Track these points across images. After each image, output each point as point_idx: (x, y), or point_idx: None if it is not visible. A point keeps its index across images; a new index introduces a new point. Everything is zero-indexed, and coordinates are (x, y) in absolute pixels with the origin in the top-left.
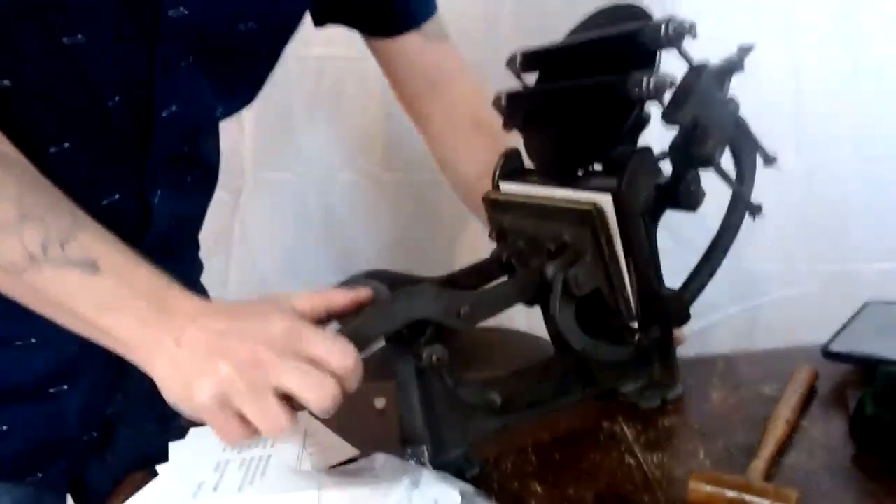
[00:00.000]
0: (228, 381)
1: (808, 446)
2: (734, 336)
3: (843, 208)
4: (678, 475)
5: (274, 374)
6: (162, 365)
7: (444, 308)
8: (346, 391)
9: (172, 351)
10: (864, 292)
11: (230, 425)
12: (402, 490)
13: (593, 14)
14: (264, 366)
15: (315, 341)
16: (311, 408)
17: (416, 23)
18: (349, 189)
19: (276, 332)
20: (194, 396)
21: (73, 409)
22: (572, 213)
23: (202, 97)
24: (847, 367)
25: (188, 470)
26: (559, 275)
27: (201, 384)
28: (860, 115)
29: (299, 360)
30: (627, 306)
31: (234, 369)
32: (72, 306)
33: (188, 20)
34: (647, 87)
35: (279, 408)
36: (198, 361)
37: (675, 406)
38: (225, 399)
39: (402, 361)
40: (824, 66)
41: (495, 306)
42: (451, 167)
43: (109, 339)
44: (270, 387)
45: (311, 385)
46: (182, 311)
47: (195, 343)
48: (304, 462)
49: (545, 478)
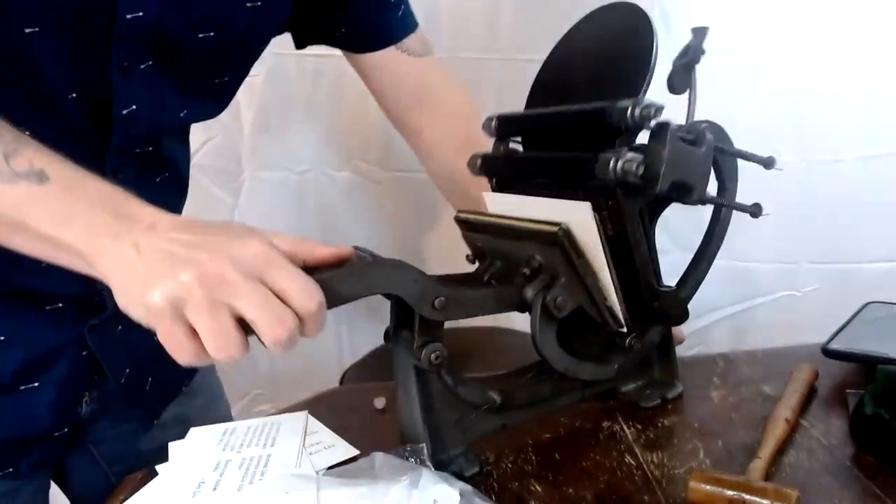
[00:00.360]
0: (187, 288)
1: (808, 446)
2: (734, 336)
3: (843, 208)
4: (678, 474)
5: (235, 295)
6: (119, 272)
7: (420, 292)
8: (303, 334)
9: (131, 258)
10: (864, 292)
11: (179, 336)
12: (402, 490)
13: (592, 13)
14: (228, 284)
15: (284, 274)
16: (265, 340)
17: (393, 39)
18: (348, 189)
19: (248, 253)
20: (147, 298)
21: (44, 405)
22: (540, 235)
23: (163, 99)
24: (847, 366)
25: (188, 470)
26: (538, 297)
27: (158, 286)
28: (860, 115)
29: (264, 288)
30: (613, 315)
31: (195, 279)
32: (24, 221)
33: (144, 23)
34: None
35: (234, 331)
36: (158, 267)
37: (674, 405)
38: (179, 306)
39: (401, 361)
40: (824, 67)
41: (471, 308)
42: (446, 181)
43: (65, 253)
44: (229, 307)
45: (271, 317)
46: (143, 219)
47: (157, 251)
48: (304, 462)
49: (545, 477)
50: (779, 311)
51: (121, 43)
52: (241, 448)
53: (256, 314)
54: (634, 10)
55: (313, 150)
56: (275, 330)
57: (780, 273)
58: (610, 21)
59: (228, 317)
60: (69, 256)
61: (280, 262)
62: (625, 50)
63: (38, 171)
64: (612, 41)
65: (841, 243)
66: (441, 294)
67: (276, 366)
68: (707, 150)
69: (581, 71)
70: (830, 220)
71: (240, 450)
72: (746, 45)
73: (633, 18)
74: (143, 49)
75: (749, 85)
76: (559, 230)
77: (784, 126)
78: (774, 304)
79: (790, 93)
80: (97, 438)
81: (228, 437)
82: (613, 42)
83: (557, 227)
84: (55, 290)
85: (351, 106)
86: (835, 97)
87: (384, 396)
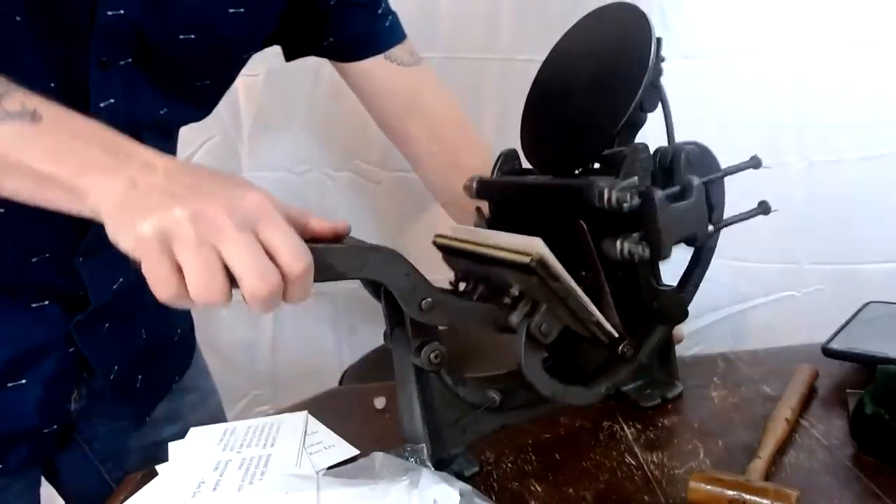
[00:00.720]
0: (179, 223)
1: (808, 446)
2: (734, 336)
3: (843, 208)
4: (678, 474)
5: (225, 240)
6: (112, 203)
7: (411, 287)
8: (286, 297)
9: (126, 192)
10: (865, 292)
11: (163, 270)
12: (402, 490)
13: (591, 13)
14: (220, 228)
15: (278, 230)
16: (245, 293)
17: (381, 48)
18: (348, 189)
19: (246, 203)
20: (138, 227)
21: (31, 402)
22: (515, 265)
23: (141, 96)
24: (847, 366)
25: (188, 470)
26: (522, 324)
27: (150, 217)
28: (861, 115)
29: (256, 240)
30: (602, 329)
31: (189, 216)
32: (16, 159)
33: (124, 20)
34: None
35: (219, 274)
36: (153, 200)
37: (674, 405)
38: (168, 239)
39: (401, 361)
40: (825, 66)
41: (455, 317)
42: (440, 191)
43: (57, 191)
44: (217, 250)
45: (256, 269)
46: (139, 157)
47: (153, 187)
48: (304, 462)
49: (545, 477)
50: (779, 311)
51: (100, 39)
52: (241, 448)
53: (242, 264)
54: (633, 10)
55: (313, 150)
56: (257, 283)
57: (780, 273)
58: (609, 21)
59: (216, 259)
60: (61, 194)
61: (276, 219)
62: (623, 50)
63: (31, 110)
64: (611, 41)
65: (842, 243)
66: (430, 295)
67: (275, 366)
68: (697, 196)
69: (580, 71)
70: (831, 220)
71: (240, 450)
72: (747, 45)
73: (632, 18)
74: (123, 46)
75: (750, 85)
76: (531, 261)
77: (785, 126)
78: (775, 304)
79: (791, 93)
80: (89, 436)
81: (228, 437)
82: (612, 42)
83: (530, 258)
84: (39, 281)
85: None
86: (836, 97)
87: (384, 396)
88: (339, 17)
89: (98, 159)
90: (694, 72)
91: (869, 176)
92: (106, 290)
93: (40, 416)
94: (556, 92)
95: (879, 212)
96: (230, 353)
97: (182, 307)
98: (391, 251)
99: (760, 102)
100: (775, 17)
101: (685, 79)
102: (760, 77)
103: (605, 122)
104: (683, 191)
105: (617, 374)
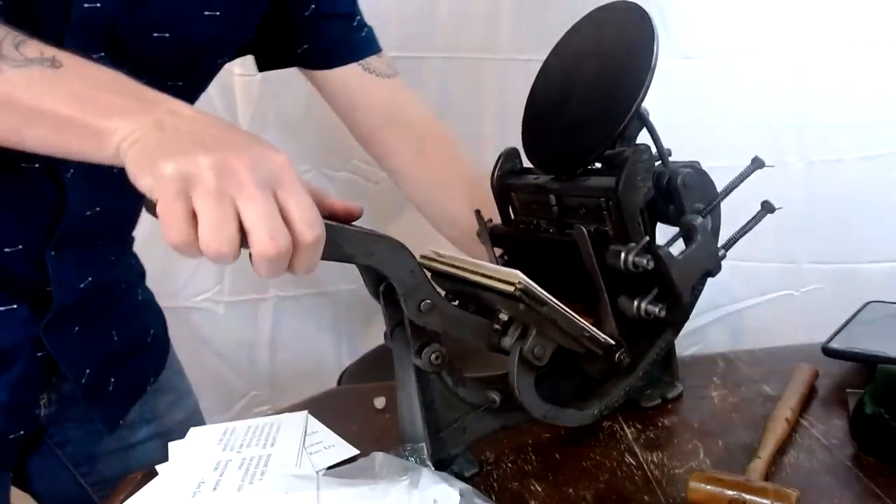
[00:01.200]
0: (201, 170)
1: (808, 445)
2: (733, 335)
3: (843, 208)
4: (678, 474)
5: (244, 195)
6: (136, 145)
7: (412, 285)
8: (291, 266)
9: (152, 134)
10: (865, 292)
11: (178, 213)
12: (402, 489)
13: (592, 13)
14: (241, 184)
15: (296, 196)
16: (253, 250)
17: (357, 56)
18: (347, 189)
19: (270, 163)
20: (160, 167)
21: None
22: (500, 292)
23: None
24: (847, 366)
25: (188, 469)
26: (515, 348)
27: (174, 159)
28: (861, 115)
29: (274, 201)
30: (595, 342)
31: (213, 164)
32: (37, 104)
33: (100, 13)
34: None
35: (233, 226)
36: (179, 143)
37: (674, 405)
38: (188, 184)
39: (401, 361)
40: (825, 66)
41: (450, 325)
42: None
43: (78, 136)
44: (234, 203)
45: (268, 229)
46: (164, 103)
47: (180, 131)
48: (304, 462)
49: (545, 477)
50: (779, 310)
51: (75, 32)
52: (241, 448)
53: (256, 221)
54: (634, 10)
55: (311, 150)
56: (267, 243)
57: (780, 272)
58: (610, 21)
59: (232, 211)
60: (83, 138)
61: (296, 184)
62: (625, 50)
63: (50, 57)
64: (613, 41)
65: (841, 243)
66: (430, 297)
67: (275, 366)
68: (703, 236)
69: (582, 70)
70: (831, 220)
71: (240, 450)
72: (747, 45)
73: (634, 18)
74: (96, 40)
75: (750, 85)
76: (515, 290)
77: (785, 126)
78: (774, 303)
79: (791, 93)
80: (61, 440)
81: (228, 437)
82: (614, 42)
83: (514, 288)
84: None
85: None
86: (836, 97)
87: (384, 396)
88: (315, 27)
89: (122, 103)
90: (694, 72)
91: (868, 176)
92: (72, 288)
93: (6, 422)
94: (558, 91)
95: (879, 211)
96: (230, 353)
97: (187, 255)
98: (400, 244)
99: (760, 102)
100: (775, 17)
101: (685, 79)
102: (760, 77)
103: (607, 122)
104: (688, 235)
105: (610, 395)
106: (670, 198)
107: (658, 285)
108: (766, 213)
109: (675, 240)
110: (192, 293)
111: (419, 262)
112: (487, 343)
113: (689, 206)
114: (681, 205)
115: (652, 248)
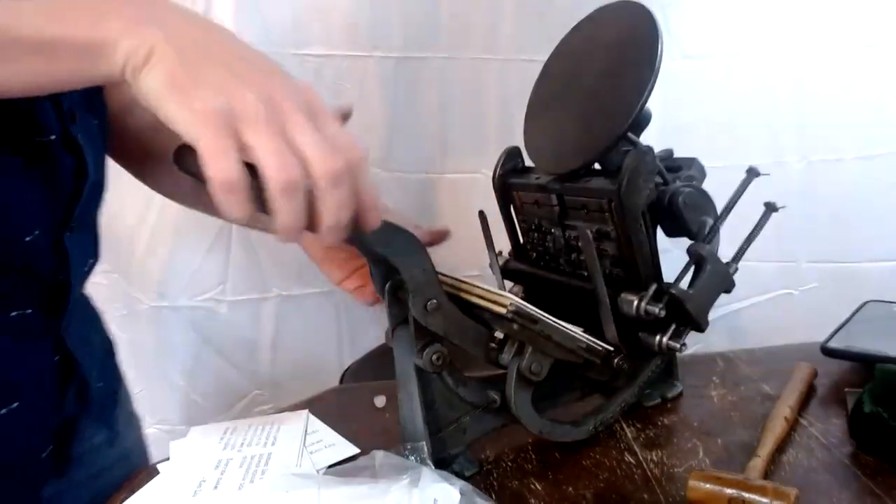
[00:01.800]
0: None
1: (807, 444)
2: (733, 334)
3: (843, 207)
4: (678, 473)
5: (291, 125)
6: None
7: (425, 283)
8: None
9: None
10: (863, 291)
11: (226, 148)
12: (402, 488)
13: (594, 13)
14: (287, 114)
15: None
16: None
17: None
18: None
19: (303, 91)
20: (197, 101)
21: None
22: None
23: None
24: (846, 365)
25: (189, 468)
26: (513, 364)
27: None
28: (861, 115)
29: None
30: (593, 352)
31: (258, 95)
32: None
33: None
34: None
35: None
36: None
37: (674, 404)
38: (234, 119)
39: (402, 360)
40: (825, 66)
41: (451, 329)
42: None
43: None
44: (287, 133)
45: (323, 150)
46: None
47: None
48: (305, 461)
49: (545, 476)
50: (778, 309)
51: None
52: (241, 447)
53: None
54: (637, 9)
55: None
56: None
57: (779, 272)
58: (612, 21)
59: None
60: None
61: (328, 111)
62: (628, 49)
63: None
64: (615, 41)
65: (840, 242)
66: (437, 298)
67: (276, 366)
68: (712, 262)
69: (585, 70)
70: (830, 219)
71: (241, 448)
72: (747, 45)
73: (637, 17)
74: None
75: (750, 85)
76: (507, 312)
77: (785, 125)
78: (773, 302)
79: (791, 93)
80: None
81: (229, 436)
82: (618, 41)
83: (506, 310)
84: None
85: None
86: (835, 96)
87: (384, 395)
88: None
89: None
90: (694, 72)
91: (868, 176)
92: (81, 273)
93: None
94: (561, 91)
95: (878, 211)
96: (230, 353)
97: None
98: (419, 242)
99: (760, 102)
100: (775, 18)
101: (685, 79)
102: (760, 77)
103: (610, 123)
104: (699, 263)
105: (606, 411)
106: (672, 216)
107: (675, 322)
108: (771, 213)
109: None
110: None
111: None
112: (485, 356)
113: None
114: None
115: (664, 290)
